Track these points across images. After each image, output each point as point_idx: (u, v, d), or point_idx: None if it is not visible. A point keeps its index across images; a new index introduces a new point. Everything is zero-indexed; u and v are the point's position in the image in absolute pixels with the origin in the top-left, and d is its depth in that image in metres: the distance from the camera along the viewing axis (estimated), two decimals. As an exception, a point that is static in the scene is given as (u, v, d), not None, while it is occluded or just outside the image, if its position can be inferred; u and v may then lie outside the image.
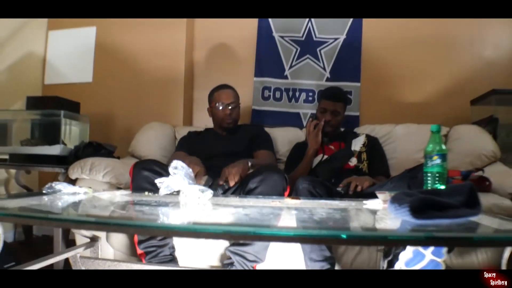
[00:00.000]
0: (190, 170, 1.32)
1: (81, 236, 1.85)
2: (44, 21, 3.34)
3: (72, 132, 2.63)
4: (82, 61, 3.23)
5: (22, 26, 3.13)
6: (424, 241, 0.71)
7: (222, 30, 3.17)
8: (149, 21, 3.10)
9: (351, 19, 3.04)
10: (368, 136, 2.37)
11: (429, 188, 1.33)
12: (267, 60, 3.10)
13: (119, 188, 2.01)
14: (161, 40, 3.14)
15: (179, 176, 1.23)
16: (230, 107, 2.34)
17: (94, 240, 1.75)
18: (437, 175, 1.32)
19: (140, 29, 3.15)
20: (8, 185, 2.87)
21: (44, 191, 1.33)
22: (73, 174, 2.09)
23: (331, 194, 1.70)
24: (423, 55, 2.97)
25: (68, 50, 3.26)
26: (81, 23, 3.26)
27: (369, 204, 1.26)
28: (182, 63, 3.10)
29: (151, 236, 1.62)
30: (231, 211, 1.13)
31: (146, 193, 1.46)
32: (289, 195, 1.67)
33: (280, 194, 1.56)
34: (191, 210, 1.15)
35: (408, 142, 2.46)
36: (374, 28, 3.02)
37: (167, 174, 1.57)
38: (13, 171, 2.70)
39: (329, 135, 2.35)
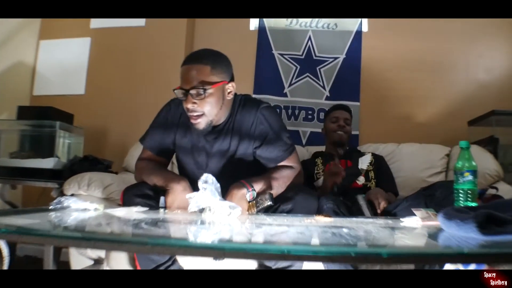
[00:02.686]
0: (218, 185, 1.22)
1: (82, 257, 1.71)
2: (35, 31, 3.22)
3: (66, 145, 2.50)
4: (74, 72, 3.12)
5: (12, 34, 3.00)
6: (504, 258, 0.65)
7: (221, 46, 3.12)
8: (145, 31, 3.07)
9: (351, 39, 3.05)
10: (374, 155, 2.35)
11: (461, 205, 1.29)
12: (267, 77, 3.07)
13: (119, 205, 1.89)
14: (158, 53, 3.07)
15: (208, 191, 1.14)
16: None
17: (98, 262, 1.62)
18: (469, 192, 1.28)
19: (137, 38, 3.07)
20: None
21: (51, 207, 1.22)
22: (69, 189, 1.96)
23: (352, 214, 1.65)
24: (421, 77, 3.01)
25: (60, 60, 3.14)
26: (74, 34, 3.17)
27: (407, 221, 1.20)
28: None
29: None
30: (268, 230, 1.04)
31: (162, 210, 1.35)
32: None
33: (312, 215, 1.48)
34: (230, 228, 1.06)
35: (413, 161, 2.47)
36: (373, 49, 3.05)
37: (158, 195, 1.45)
38: (-2, 185, 2.52)
39: (344, 144, 2.33)
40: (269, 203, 1.36)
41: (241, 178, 1.46)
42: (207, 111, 1.48)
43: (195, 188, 1.31)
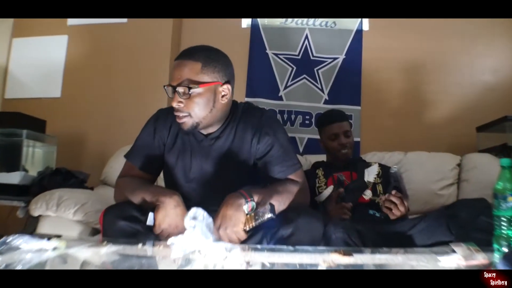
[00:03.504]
0: (211, 219, 0.98)
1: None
2: (8, 27, 2.96)
3: (36, 156, 2.23)
4: (50, 74, 2.90)
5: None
6: None
7: (210, 44, 2.89)
8: (128, 28, 2.85)
9: (351, 38, 2.85)
10: (381, 165, 2.12)
11: (503, 234, 1.07)
12: (260, 79, 2.86)
13: (95, 230, 1.64)
14: (142, 53, 2.85)
15: (198, 230, 0.90)
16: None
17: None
18: (514, 219, 1.06)
19: (119, 36, 2.84)
20: None
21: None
22: (36, 210, 1.71)
23: (364, 242, 1.42)
24: (426, 80, 2.86)
25: (35, 60, 2.92)
26: (51, 31, 2.92)
27: (445, 261, 0.98)
28: (166, 82, 2.78)
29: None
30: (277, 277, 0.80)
31: (140, 246, 1.10)
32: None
33: (318, 242, 1.25)
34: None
35: (421, 172, 2.28)
36: (375, 50, 2.87)
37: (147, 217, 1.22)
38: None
39: (349, 160, 2.09)
40: (270, 215, 1.12)
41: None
42: (193, 112, 1.33)
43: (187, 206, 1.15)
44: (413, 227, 1.59)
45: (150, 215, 1.20)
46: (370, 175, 2.05)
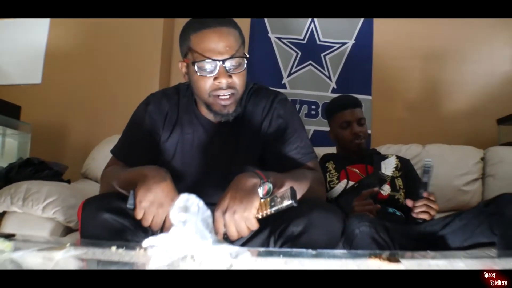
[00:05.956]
0: (209, 212, 0.72)
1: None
2: (-18, 7, 2.70)
3: (7, 145, 1.98)
4: (29, 58, 2.68)
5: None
6: None
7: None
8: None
9: (361, 22, 2.63)
10: (399, 158, 1.89)
11: None
12: (262, 65, 2.63)
13: (68, 228, 1.38)
14: (131, 37, 2.65)
15: (191, 226, 0.63)
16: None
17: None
18: None
19: (105, 22, 2.61)
20: None
21: None
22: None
23: (392, 238, 1.18)
24: (442, 68, 2.66)
25: (12, 43, 2.71)
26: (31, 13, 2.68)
27: None
28: (157, 67, 2.60)
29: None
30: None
31: (114, 248, 0.83)
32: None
33: (336, 242, 1.00)
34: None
35: (443, 166, 2.06)
36: (387, 34, 2.66)
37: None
38: None
39: (363, 152, 1.85)
40: (290, 202, 0.87)
41: None
42: (241, 90, 1.15)
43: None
44: (446, 227, 1.36)
45: (130, 194, 0.94)
46: (388, 168, 1.82)
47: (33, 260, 0.72)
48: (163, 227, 0.93)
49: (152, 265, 0.66)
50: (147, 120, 1.24)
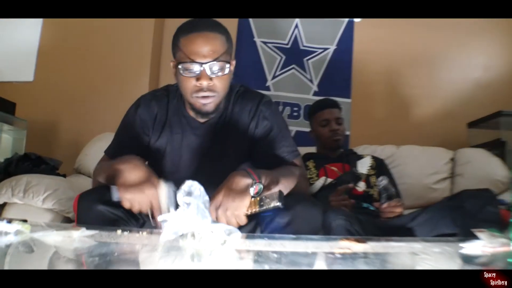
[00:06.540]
0: (208, 197, 0.84)
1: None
2: (-26, 5, 2.73)
3: (3, 141, 2.04)
4: (22, 56, 2.66)
5: None
6: None
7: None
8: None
9: (342, 28, 2.75)
10: (374, 158, 2.04)
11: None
12: (247, 68, 2.71)
13: (66, 218, 1.48)
14: (122, 37, 2.72)
15: (193, 208, 0.76)
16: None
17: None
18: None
19: (96, 22, 2.67)
20: None
21: None
22: (1, 196, 1.53)
23: (366, 231, 1.31)
24: (417, 73, 2.83)
25: (4, 41, 2.68)
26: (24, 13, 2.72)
27: (468, 247, 0.88)
28: (147, 66, 2.67)
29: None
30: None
31: (119, 231, 0.95)
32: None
33: (317, 233, 1.13)
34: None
35: (415, 166, 2.22)
36: (366, 41, 2.80)
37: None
38: None
39: (340, 147, 2.01)
40: (277, 204, 0.98)
41: None
42: (222, 92, 1.21)
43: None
44: (413, 220, 1.50)
45: (113, 189, 1.04)
46: (363, 166, 1.98)
47: (55, 238, 0.83)
48: (152, 210, 1.02)
49: (161, 239, 0.78)
50: (137, 122, 1.31)
